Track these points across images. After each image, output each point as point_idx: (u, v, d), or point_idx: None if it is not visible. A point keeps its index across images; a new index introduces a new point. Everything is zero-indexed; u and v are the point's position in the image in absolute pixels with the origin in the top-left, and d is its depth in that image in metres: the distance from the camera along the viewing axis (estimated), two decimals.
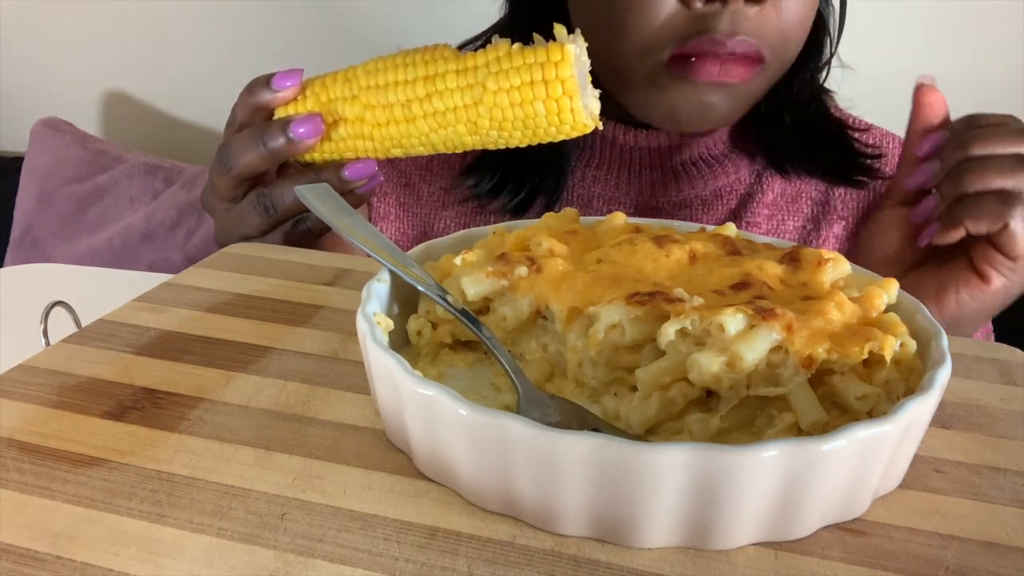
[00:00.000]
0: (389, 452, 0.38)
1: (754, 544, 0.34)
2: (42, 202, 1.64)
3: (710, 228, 0.49)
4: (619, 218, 0.49)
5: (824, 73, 0.84)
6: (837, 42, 0.83)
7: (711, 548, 0.33)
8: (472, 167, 0.82)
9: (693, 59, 0.66)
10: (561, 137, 0.60)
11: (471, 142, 0.60)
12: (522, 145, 0.61)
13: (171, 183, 1.61)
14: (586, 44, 0.59)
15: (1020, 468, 0.39)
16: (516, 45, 0.58)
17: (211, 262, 0.58)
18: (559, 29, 0.58)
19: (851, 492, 0.34)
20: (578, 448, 0.31)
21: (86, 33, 1.75)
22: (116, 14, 1.72)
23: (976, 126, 0.63)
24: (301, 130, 0.61)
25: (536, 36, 0.59)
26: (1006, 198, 0.60)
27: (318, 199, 0.49)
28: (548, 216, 0.51)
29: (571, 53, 0.56)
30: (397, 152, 0.63)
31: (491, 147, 0.61)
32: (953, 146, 0.63)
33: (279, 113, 0.65)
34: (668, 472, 0.31)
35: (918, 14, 1.37)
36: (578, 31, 0.58)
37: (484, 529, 0.34)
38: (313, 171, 0.64)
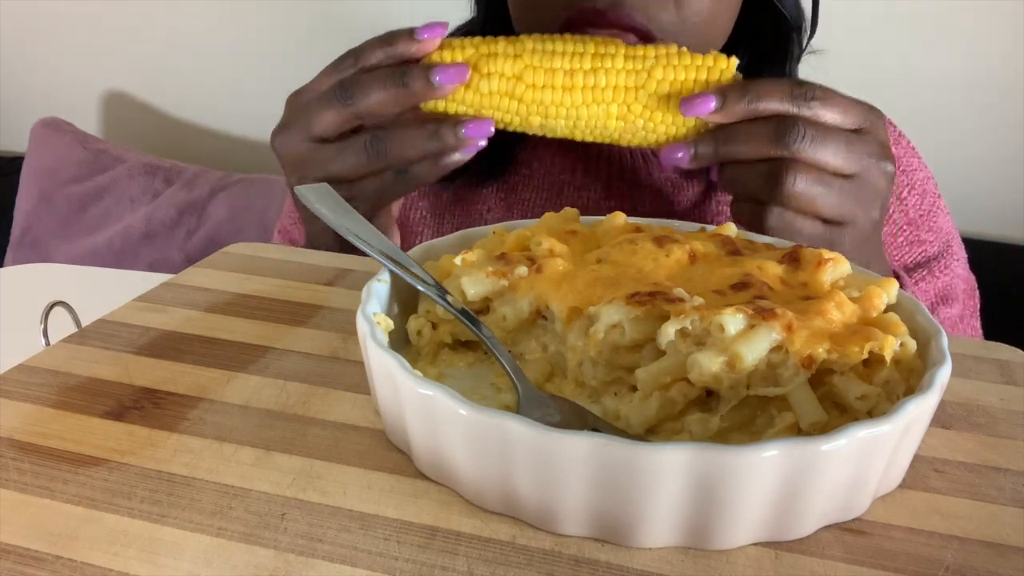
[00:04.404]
0: (389, 452, 0.38)
1: (754, 544, 0.34)
2: (42, 202, 1.64)
3: (710, 228, 0.49)
4: (619, 218, 0.49)
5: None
6: (803, 49, 0.82)
7: (711, 548, 0.33)
8: None
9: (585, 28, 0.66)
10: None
11: (613, 127, 0.61)
12: (658, 142, 0.61)
13: (171, 183, 1.61)
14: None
15: (1020, 468, 0.39)
16: (685, 48, 0.61)
17: (211, 262, 0.58)
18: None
19: (851, 492, 0.34)
20: (578, 448, 0.31)
21: (86, 33, 1.75)
22: (116, 14, 1.72)
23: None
24: (440, 77, 0.60)
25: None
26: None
27: (319, 199, 0.49)
28: (548, 216, 0.51)
29: (735, 63, 0.59)
30: (535, 121, 0.62)
31: (627, 138, 0.62)
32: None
33: None
34: (668, 472, 0.31)
35: (917, 14, 1.38)
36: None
37: (484, 529, 0.34)
38: (433, 122, 0.62)
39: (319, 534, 0.33)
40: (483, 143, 0.63)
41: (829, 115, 0.57)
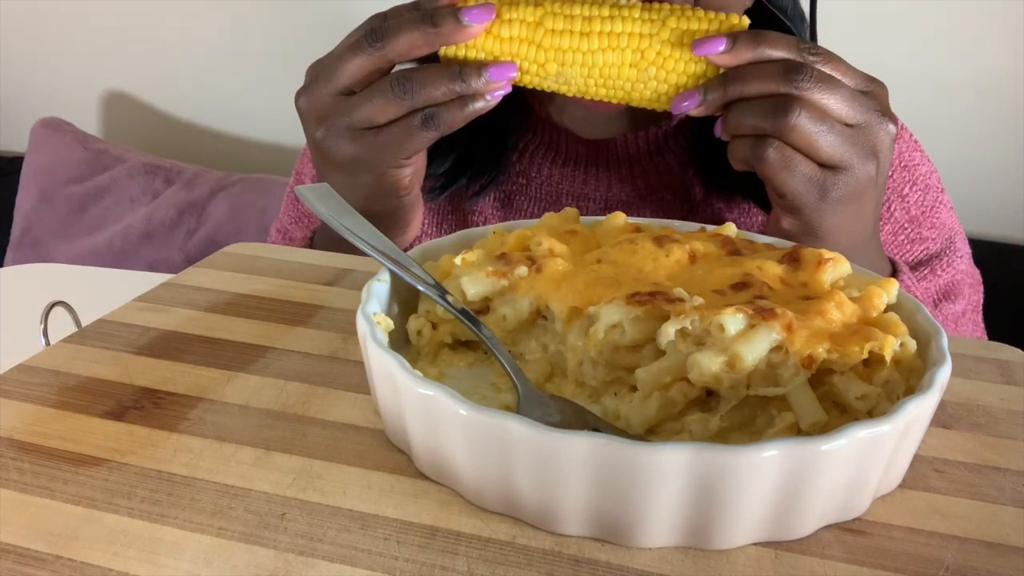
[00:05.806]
0: (389, 452, 0.38)
1: (754, 544, 0.34)
2: (42, 202, 1.64)
3: (710, 228, 0.49)
4: (619, 218, 0.49)
5: None
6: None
7: (711, 548, 0.33)
8: None
9: None
10: None
11: (627, 75, 0.62)
12: (668, 94, 0.62)
13: (171, 183, 1.61)
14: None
15: (1020, 468, 0.39)
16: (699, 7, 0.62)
17: (211, 262, 0.58)
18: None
19: (851, 492, 0.34)
20: (578, 448, 0.31)
21: (86, 33, 1.75)
22: (116, 14, 1.72)
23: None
24: (468, 16, 0.60)
25: None
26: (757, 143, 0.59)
27: (318, 199, 0.49)
28: (548, 216, 0.51)
29: (747, 22, 0.61)
30: (552, 69, 0.63)
31: (639, 89, 0.63)
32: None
33: None
34: (668, 472, 0.31)
35: (918, 14, 1.37)
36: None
37: (484, 529, 0.34)
38: (456, 64, 0.62)
39: (319, 534, 0.33)
40: (506, 90, 0.63)
41: (834, 71, 0.59)
